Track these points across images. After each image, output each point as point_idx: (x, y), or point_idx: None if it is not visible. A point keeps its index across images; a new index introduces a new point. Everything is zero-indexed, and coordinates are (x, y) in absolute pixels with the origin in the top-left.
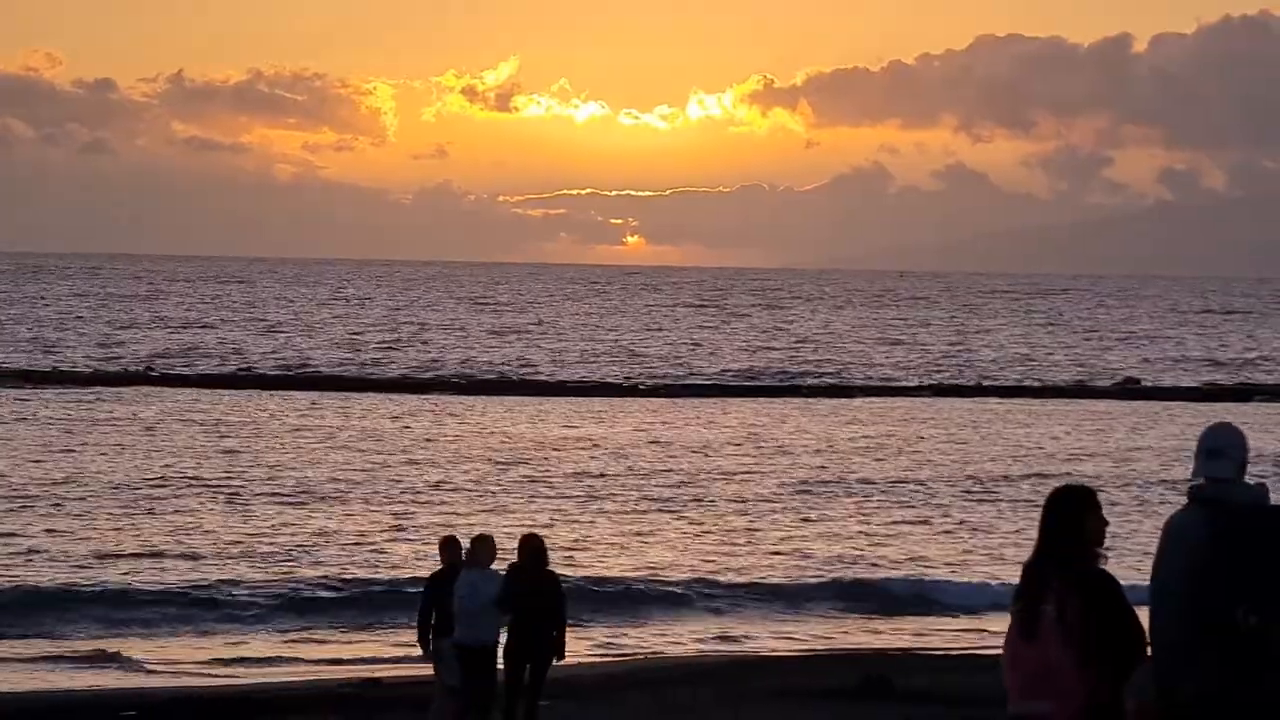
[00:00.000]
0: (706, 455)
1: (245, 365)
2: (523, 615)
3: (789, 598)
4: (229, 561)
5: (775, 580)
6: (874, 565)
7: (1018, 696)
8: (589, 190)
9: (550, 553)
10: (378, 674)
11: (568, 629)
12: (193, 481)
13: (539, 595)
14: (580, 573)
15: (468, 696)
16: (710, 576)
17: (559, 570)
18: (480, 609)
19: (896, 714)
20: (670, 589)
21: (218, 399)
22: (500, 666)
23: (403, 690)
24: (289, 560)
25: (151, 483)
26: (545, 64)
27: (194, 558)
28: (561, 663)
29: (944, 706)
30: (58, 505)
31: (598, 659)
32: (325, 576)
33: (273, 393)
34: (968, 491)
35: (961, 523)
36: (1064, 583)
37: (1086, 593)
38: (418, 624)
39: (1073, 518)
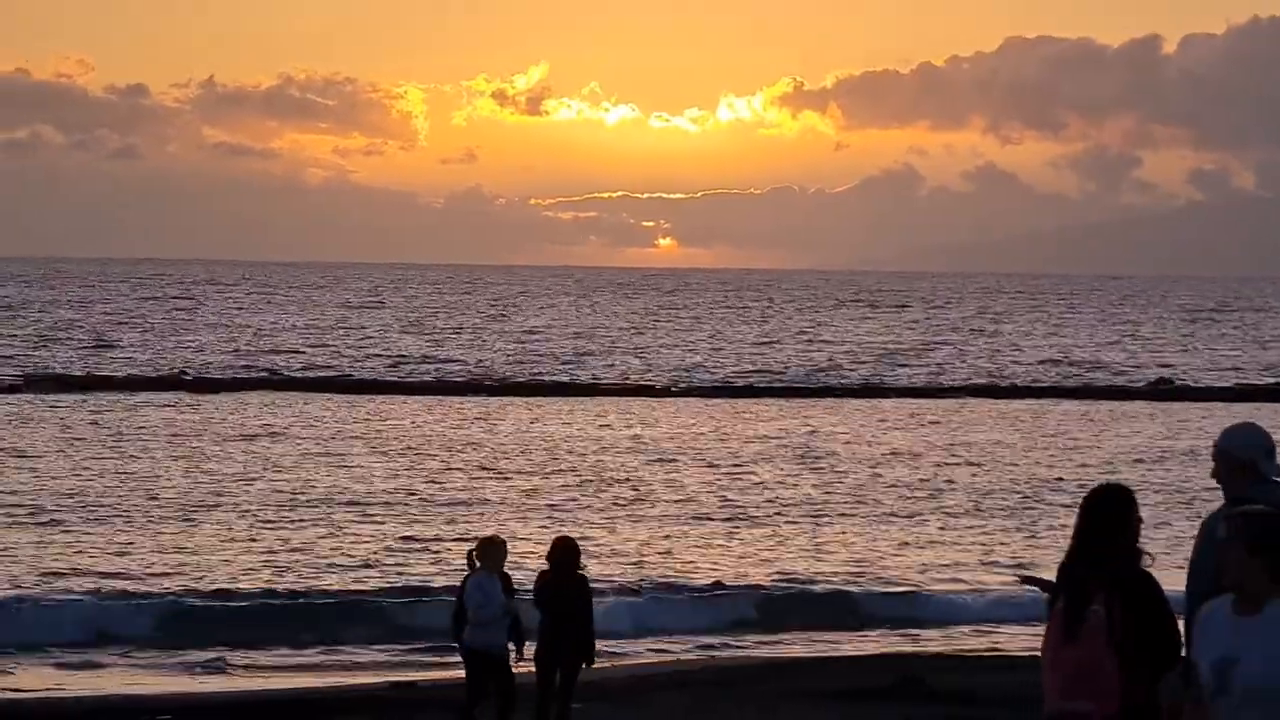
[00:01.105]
0: (744, 458)
1: (277, 369)
2: (551, 618)
3: (822, 602)
4: (301, 570)
5: (806, 584)
6: (905, 572)
7: (1057, 697)
8: (620, 193)
9: (591, 557)
10: (413, 677)
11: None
12: (242, 488)
13: (567, 599)
14: (619, 576)
15: (475, 698)
16: (744, 581)
17: (609, 574)
18: (492, 616)
19: (896, 714)
20: (708, 592)
21: (252, 402)
22: (525, 669)
23: (437, 692)
24: (338, 568)
25: (201, 491)
26: (575, 67)
27: (265, 567)
28: (593, 666)
29: (944, 706)
30: (112, 514)
31: (628, 661)
32: (372, 580)
33: (307, 396)
34: (1007, 496)
35: (998, 529)
36: (1105, 583)
37: (1127, 593)
38: (452, 622)
39: (1116, 517)
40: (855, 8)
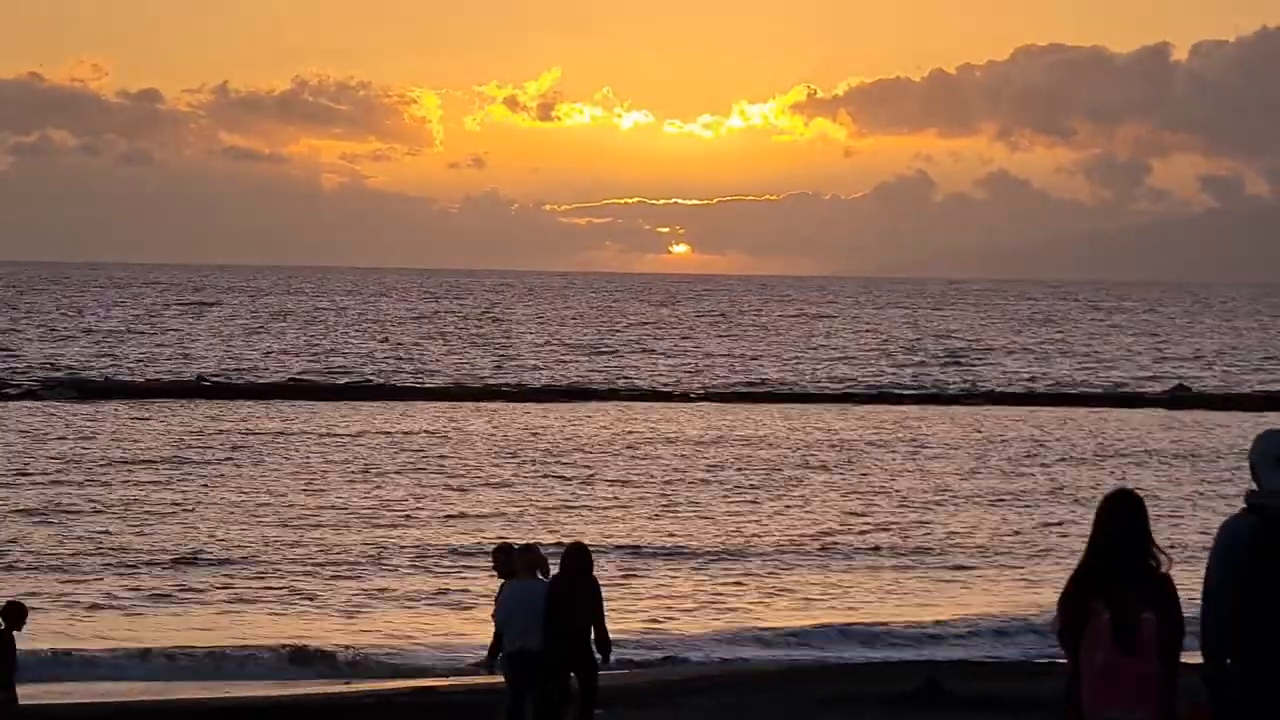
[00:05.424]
0: (776, 465)
1: (294, 374)
2: (565, 623)
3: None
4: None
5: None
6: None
7: (1112, 708)
8: (636, 199)
9: (607, 561)
10: (432, 683)
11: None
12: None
13: (572, 611)
14: (650, 582)
15: (519, 704)
16: (776, 584)
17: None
18: (526, 618)
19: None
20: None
21: (272, 410)
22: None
23: (457, 697)
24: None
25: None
26: (587, 74)
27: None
28: (609, 671)
29: (965, 712)
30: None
31: (654, 666)
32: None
33: (325, 404)
34: (1038, 505)
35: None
36: (1150, 592)
37: (1161, 598)
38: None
39: (1139, 522)
40: (868, 16)
